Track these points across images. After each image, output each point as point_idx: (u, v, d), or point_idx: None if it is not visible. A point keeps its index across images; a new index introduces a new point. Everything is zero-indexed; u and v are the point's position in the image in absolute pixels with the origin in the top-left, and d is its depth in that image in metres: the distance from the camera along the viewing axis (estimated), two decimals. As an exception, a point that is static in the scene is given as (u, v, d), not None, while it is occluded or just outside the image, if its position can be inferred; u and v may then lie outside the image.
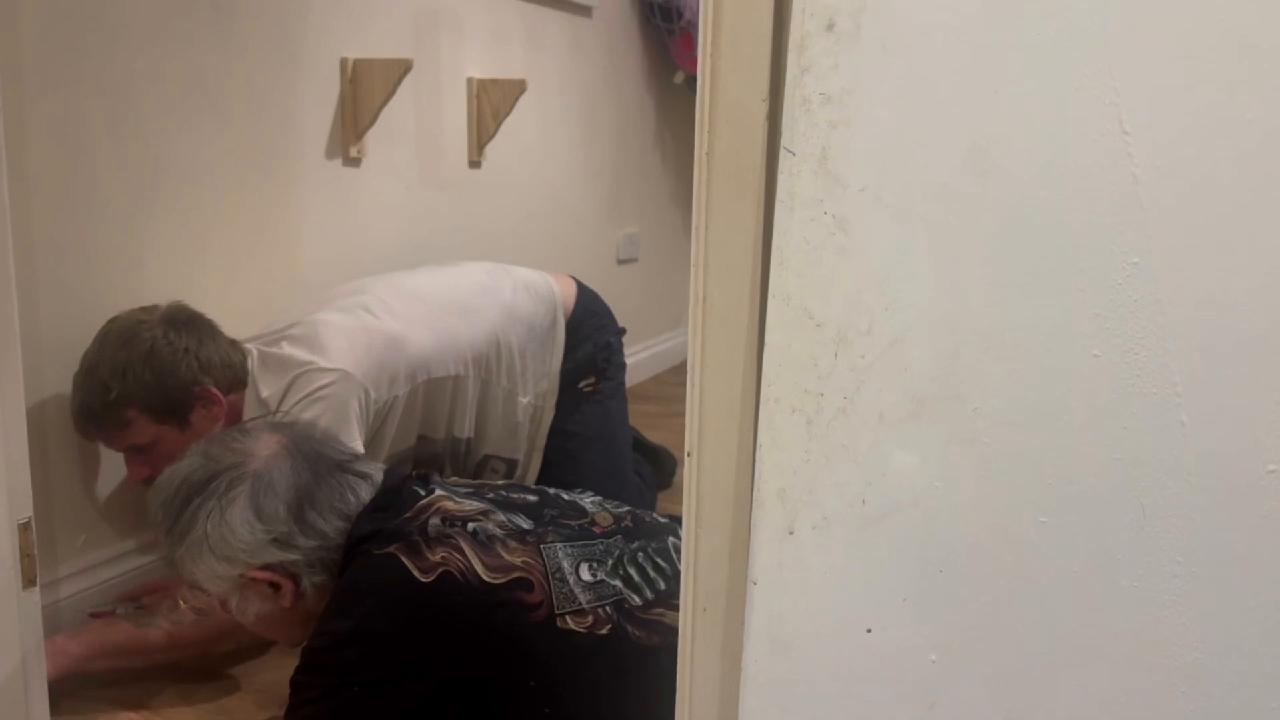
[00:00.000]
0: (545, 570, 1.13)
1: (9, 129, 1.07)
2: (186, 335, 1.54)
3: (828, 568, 0.60)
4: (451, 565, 1.11)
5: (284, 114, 1.90)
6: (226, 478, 1.16)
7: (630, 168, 3.16)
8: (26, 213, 1.45)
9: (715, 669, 0.67)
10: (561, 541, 1.17)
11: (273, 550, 1.15)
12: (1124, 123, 0.51)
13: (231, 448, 1.19)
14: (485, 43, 2.44)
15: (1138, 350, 0.52)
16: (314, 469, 1.19)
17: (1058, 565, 0.55)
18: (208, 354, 1.55)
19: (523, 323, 1.86)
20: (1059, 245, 0.53)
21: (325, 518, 1.17)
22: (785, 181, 0.58)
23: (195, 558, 1.16)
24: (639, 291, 3.26)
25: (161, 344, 1.51)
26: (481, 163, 2.47)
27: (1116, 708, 0.55)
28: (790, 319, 0.59)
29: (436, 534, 1.13)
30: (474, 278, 1.89)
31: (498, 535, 1.16)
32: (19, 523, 1.12)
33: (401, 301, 1.75)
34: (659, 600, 1.16)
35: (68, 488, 1.58)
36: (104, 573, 1.64)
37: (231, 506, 1.14)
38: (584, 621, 1.12)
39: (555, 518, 1.22)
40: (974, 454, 0.56)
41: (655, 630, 1.14)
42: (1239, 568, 0.52)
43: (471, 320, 1.79)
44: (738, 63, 0.60)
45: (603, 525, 1.24)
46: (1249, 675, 0.53)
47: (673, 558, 1.23)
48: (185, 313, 1.58)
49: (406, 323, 1.71)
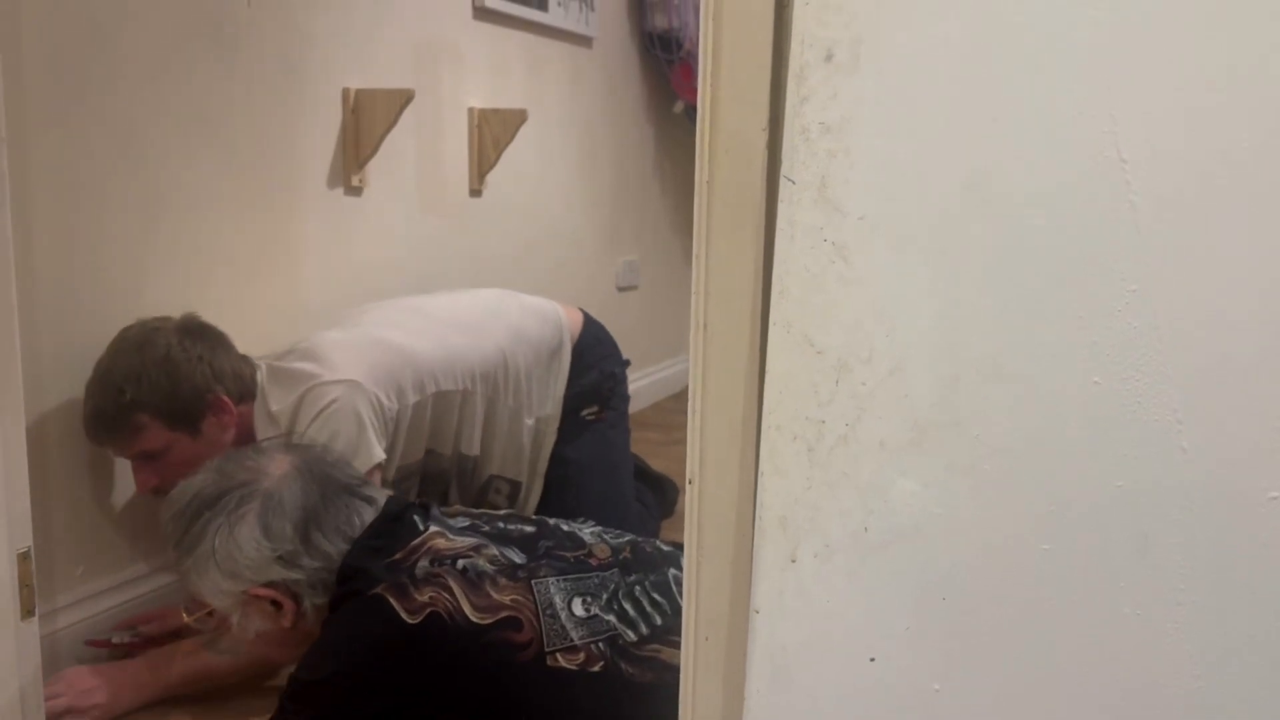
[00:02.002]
0: (536, 607, 1.12)
1: (13, 160, 1.08)
2: (200, 344, 1.56)
3: (830, 596, 0.60)
4: (439, 605, 1.10)
5: (286, 144, 1.91)
6: (237, 495, 1.18)
7: (630, 196, 3.17)
8: (29, 243, 1.46)
9: (717, 698, 0.66)
10: (555, 575, 1.17)
11: (277, 568, 1.17)
12: (1121, 150, 0.52)
13: (245, 465, 1.21)
14: (486, 73, 2.46)
15: (1137, 377, 0.52)
16: (323, 491, 1.20)
17: (1059, 593, 0.55)
18: (220, 363, 1.56)
19: (529, 344, 1.87)
20: (1058, 273, 0.53)
21: (330, 540, 1.18)
22: (785, 210, 0.59)
23: (201, 572, 1.18)
24: (639, 319, 3.27)
25: (176, 350, 1.52)
26: (482, 191, 2.48)
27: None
28: (791, 346, 0.59)
29: (425, 575, 1.13)
30: (481, 300, 1.92)
31: (488, 572, 1.15)
32: (18, 553, 1.11)
33: (406, 317, 1.77)
34: (655, 636, 1.15)
35: (67, 518, 1.58)
36: (103, 603, 1.63)
37: (240, 523, 1.16)
38: (575, 659, 1.11)
39: (550, 549, 1.21)
40: (975, 481, 0.56)
41: (650, 667, 1.12)
42: (1241, 594, 0.52)
43: (478, 338, 1.81)
44: (737, 92, 0.61)
45: (600, 557, 1.23)
46: (1251, 703, 0.53)
47: (673, 591, 1.21)
48: (198, 323, 1.59)
49: (412, 335, 1.73)
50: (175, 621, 1.59)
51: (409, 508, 1.26)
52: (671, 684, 1.10)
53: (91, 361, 1.58)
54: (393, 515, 1.23)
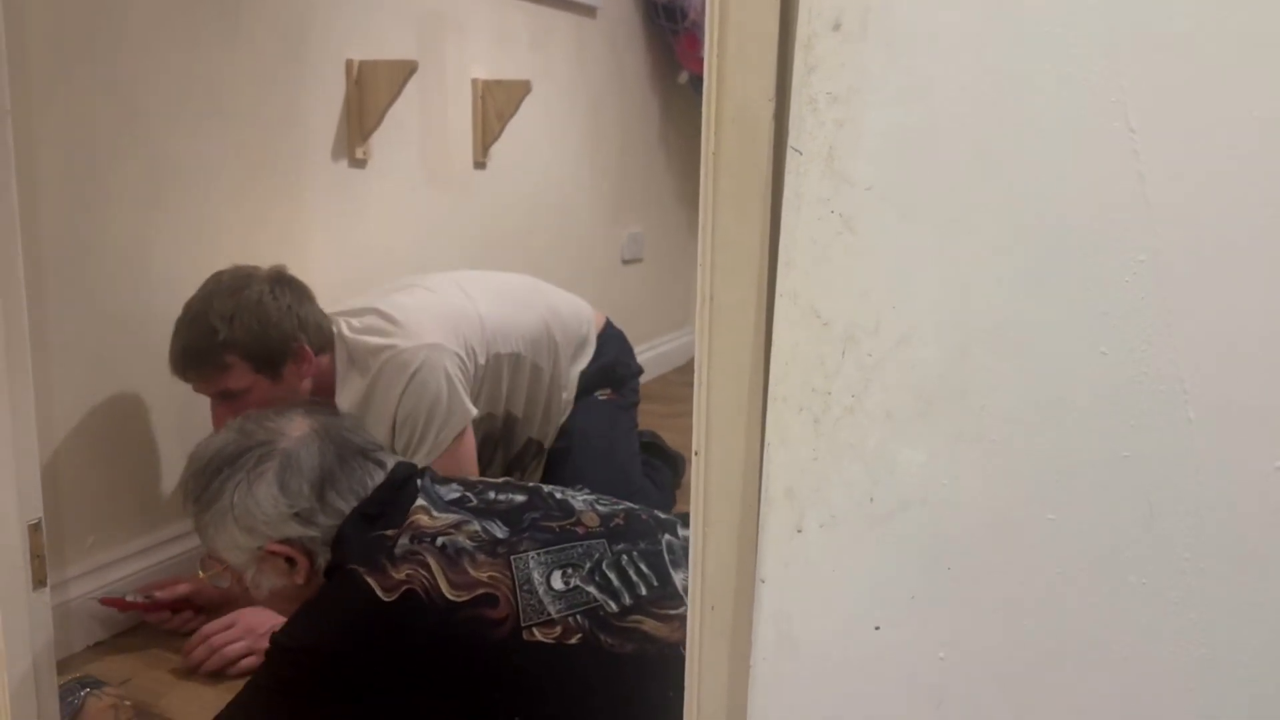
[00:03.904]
0: (514, 583, 1.14)
1: (17, 131, 1.08)
2: (290, 293, 1.63)
3: (836, 566, 0.60)
4: (416, 583, 1.12)
5: (289, 116, 1.91)
6: (257, 453, 1.21)
7: (634, 168, 3.16)
8: (35, 213, 1.46)
9: (723, 667, 0.67)
10: (536, 549, 1.18)
11: (293, 525, 1.19)
12: (1130, 120, 0.51)
13: (265, 425, 1.24)
14: (489, 44, 2.45)
15: (1145, 347, 0.52)
16: (339, 453, 1.23)
17: (1066, 562, 0.55)
18: (306, 313, 1.64)
19: (564, 324, 1.98)
20: (1066, 243, 0.53)
21: (345, 499, 1.21)
22: (792, 181, 0.58)
23: (219, 526, 1.21)
24: (643, 291, 3.26)
25: (268, 297, 1.60)
26: (486, 164, 2.47)
27: (1124, 703, 0.55)
28: (797, 318, 0.59)
29: (404, 553, 1.15)
30: (517, 279, 2.03)
31: (467, 549, 1.16)
32: (29, 524, 1.12)
33: (467, 286, 1.86)
34: (638, 607, 1.15)
35: (77, 489, 1.59)
36: (113, 573, 1.65)
37: (259, 480, 1.19)
38: (552, 632, 1.12)
39: (536, 521, 1.22)
40: (981, 452, 0.56)
41: (630, 638, 1.13)
42: (1247, 564, 0.52)
43: (523, 309, 1.91)
44: (744, 62, 0.61)
45: (588, 525, 1.24)
46: (1257, 672, 0.53)
47: (663, 560, 1.21)
48: (288, 275, 1.67)
49: (471, 299, 1.81)
50: (186, 588, 1.63)
51: (412, 475, 1.27)
52: (653, 654, 1.13)
53: (98, 333, 1.58)
54: (396, 483, 1.25)
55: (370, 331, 1.70)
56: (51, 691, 1.19)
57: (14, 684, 1.13)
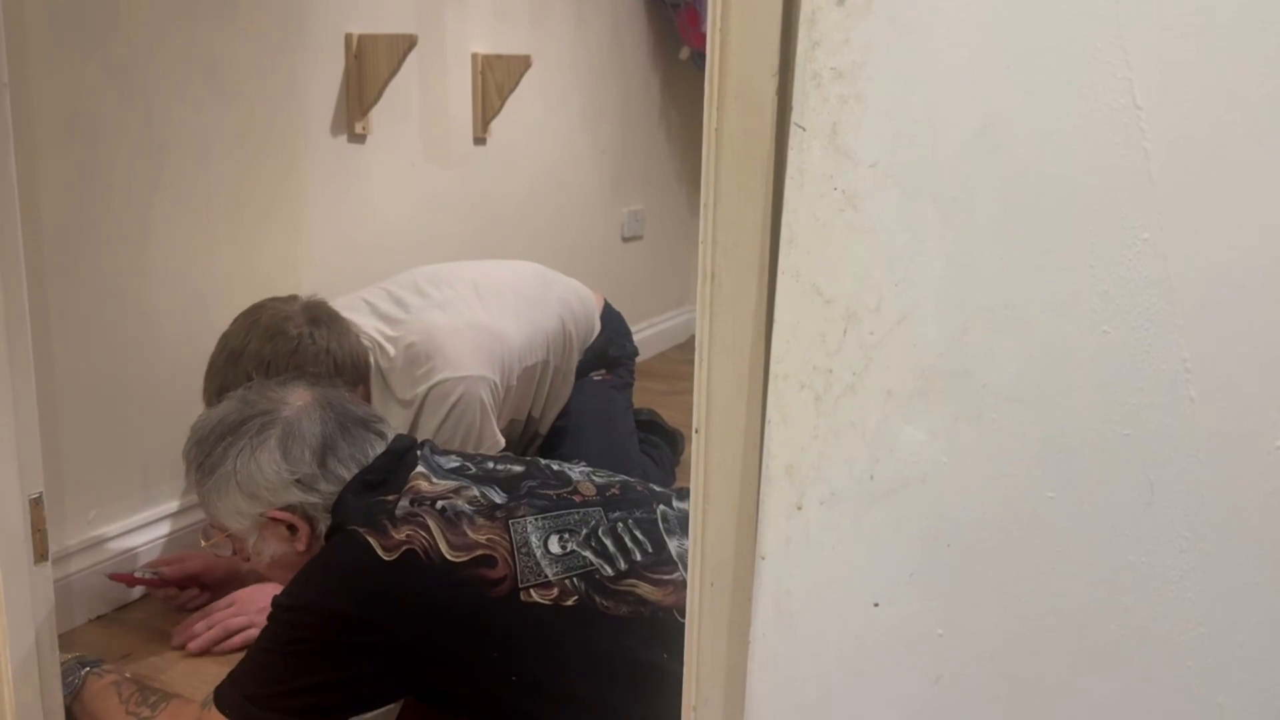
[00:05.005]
0: (511, 545, 1.16)
1: (15, 108, 1.07)
2: (328, 334, 1.62)
3: (835, 543, 0.60)
4: (416, 543, 1.14)
5: (289, 90, 1.90)
6: (259, 421, 1.22)
7: (635, 144, 3.14)
8: (34, 189, 1.45)
9: (722, 643, 0.67)
10: (534, 514, 1.20)
11: (295, 491, 1.20)
12: (1136, 97, 0.51)
13: (267, 395, 1.25)
14: (489, 18, 2.43)
15: (1147, 326, 0.52)
16: (340, 422, 1.24)
17: (1065, 541, 0.56)
18: (343, 354, 1.63)
19: (574, 316, 2.02)
20: (1069, 221, 0.53)
21: (346, 467, 1.22)
22: (795, 157, 0.58)
23: (222, 492, 1.22)
24: (643, 269, 3.26)
25: (306, 342, 1.58)
26: (486, 139, 2.46)
27: (1122, 681, 0.56)
28: (799, 296, 0.59)
29: (404, 514, 1.16)
30: (525, 270, 2.04)
31: (466, 512, 1.18)
32: (30, 498, 1.12)
33: (489, 297, 1.88)
34: (632, 571, 1.18)
35: (78, 463, 1.59)
36: (114, 547, 1.65)
37: (262, 447, 1.20)
38: (549, 594, 1.14)
39: (534, 489, 1.24)
40: (982, 430, 0.56)
41: (625, 601, 1.15)
42: (1246, 543, 0.52)
43: (544, 310, 1.95)
44: (747, 37, 0.60)
45: (585, 494, 1.26)
46: (1254, 651, 0.53)
47: (658, 528, 1.23)
48: (325, 310, 1.65)
49: (499, 316, 1.84)
50: (194, 566, 1.63)
51: (412, 445, 1.29)
52: (646, 617, 1.14)
53: (98, 309, 1.58)
54: (396, 452, 1.26)
55: (411, 363, 1.72)
56: (53, 664, 1.20)
57: (16, 658, 1.13)
